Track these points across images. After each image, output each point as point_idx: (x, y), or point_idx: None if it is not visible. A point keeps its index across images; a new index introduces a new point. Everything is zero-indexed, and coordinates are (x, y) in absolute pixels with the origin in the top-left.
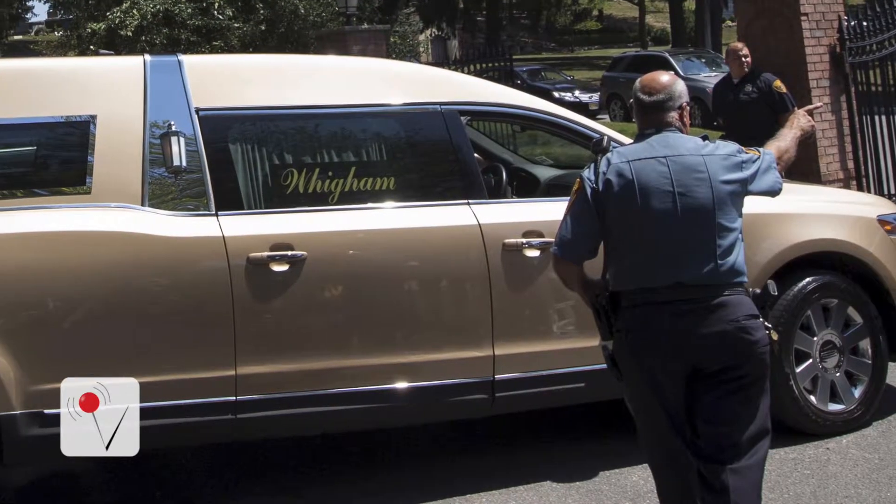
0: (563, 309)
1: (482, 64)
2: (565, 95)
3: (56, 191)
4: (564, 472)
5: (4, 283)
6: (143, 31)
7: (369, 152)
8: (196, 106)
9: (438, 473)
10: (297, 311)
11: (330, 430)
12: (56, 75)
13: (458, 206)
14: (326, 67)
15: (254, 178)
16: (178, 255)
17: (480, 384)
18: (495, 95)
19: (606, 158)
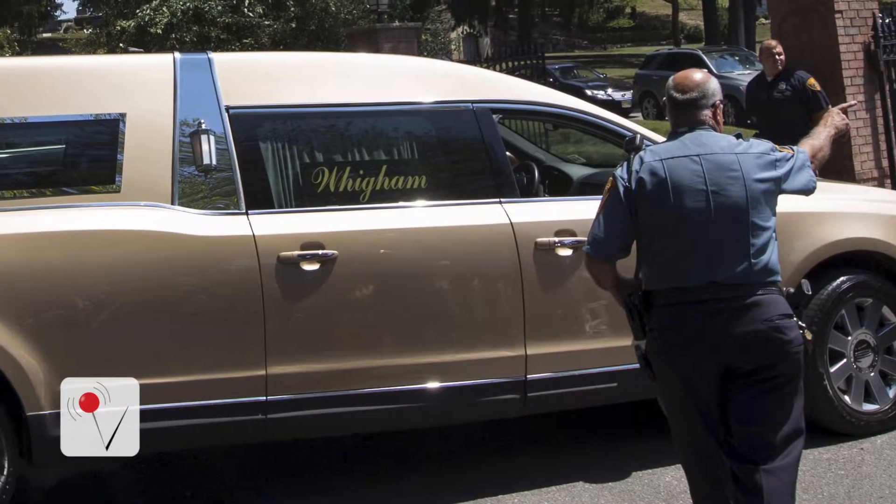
0: (595, 308)
1: (514, 62)
2: (598, 93)
3: (85, 189)
4: (597, 472)
5: (33, 283)
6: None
7: (400, 151)
8: (226, 104)
9: (470, 474)
10: (328, 311)
11: (361, 431)
12: (85, 73)
13: (490, 204)
14: (357, 65)
15: (284, 177)
16: (209, 254)
17: (512, 384)
18: (527, 93)
19: (639, 157)
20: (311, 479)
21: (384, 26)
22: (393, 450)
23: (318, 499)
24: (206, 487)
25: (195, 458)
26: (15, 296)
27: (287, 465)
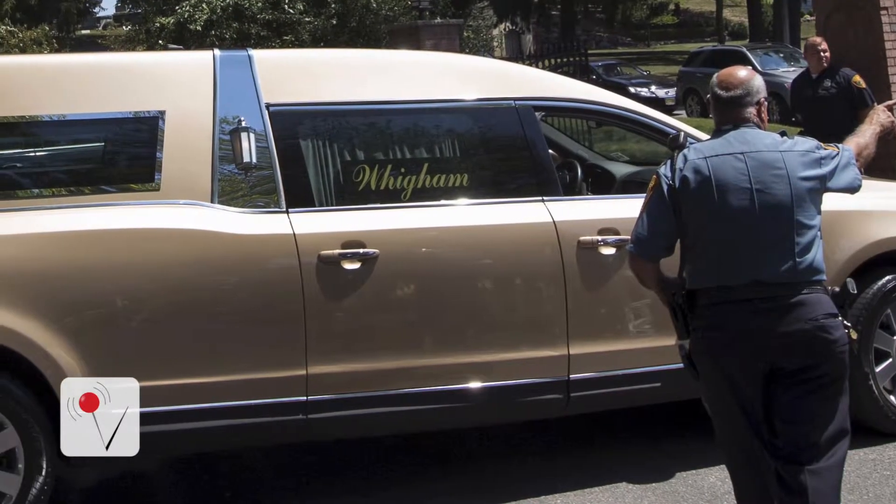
0: (638, 307)
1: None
2: (641, 91)
3: (124, 187)
4: (640, 473)
5: (72, 282)
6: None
7: (442, 148)
8: (266, 101)
9: (512, 474)
10: (369, 310)
11: (402, 431)
12: (124, 70)
13: (533, 203)
14: (399, 62)
15: (325, 175)
16: (249, 252)
17: (555, 384)
18: (570, 91)
19: (683, 155)
20: (351, 480)
21: (426, 23)
22: (434, 450)
23: (358, 499)
24: (246, 488)
25: (235, 458)
26: (54, 295)
27: (327, 466)
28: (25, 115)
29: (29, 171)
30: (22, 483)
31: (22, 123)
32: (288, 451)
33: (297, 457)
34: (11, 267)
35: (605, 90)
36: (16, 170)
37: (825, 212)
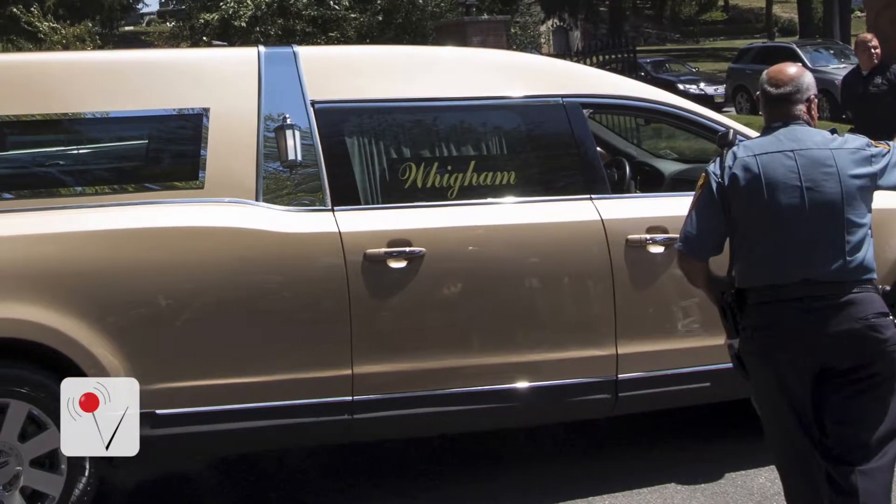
0: (687, 306)
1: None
2: (690, 88)
3: (168, 185)
4: (689, 473)
5: (115, 281)
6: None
7: (489, 146)
8: (312, 98)
9: (560, 475)
10: (415, 309)
11: (448, 431)
12: (168, 67)
13: (581, 201)
14: (445, 59)
15: (371, 173)
16: (294, 251)
17: (603, 384)
18: (618, 88)
19: (732, 152)
20: (397, 481)
21: (472, 19)
22: (481, 450)
23: (404, 500)
24: (290, 489)
25: (280, 459)
26: (96, 294)
27: (373, 467)
28: (68, 112)
29: (72, 169)
30: (65, 484)
31: (65, 121)
32: (333, 452)
33: (342, 457)
34: (54, 266)
35: (654, 87)
36: (59, 168)
37: (875, 210)
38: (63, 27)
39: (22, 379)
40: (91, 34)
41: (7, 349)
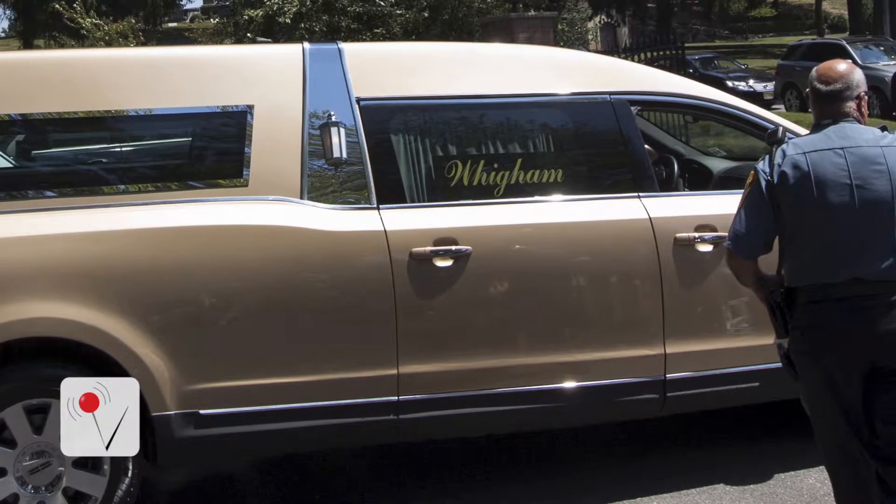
0: (736, 306)
1: (653, 52)
2: (739, 85)
3: (212, 183)
4: (738, 474)
5: (159, 280)
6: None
7: (536, 144)
8: (357, 95)
9: (607, 475)
10: (462, 308)
11: (495, 432)
12: (212, 64)
13: (628, 199)
14: (492, 56)
15: (416, 171)
16: (339, 250)
17: (651, 383)
18: (666, 85)
19: (782, 150)
20: (443, 482)
21: (519, 15)
22: (528, 451)
23: (450, 501)
24: (335, 490)
25: (324, 459)
26: (140, 293)
27: (418, 467)
28: (111, 109)
29: (115, 167)
30: (108, 485)
31: (108, 118)
32: (379, 453)
33: (388, 458)
34: (97, 265)
35: (702, 84)
36: (102, 165)
37: None
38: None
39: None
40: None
41: (50, 349)
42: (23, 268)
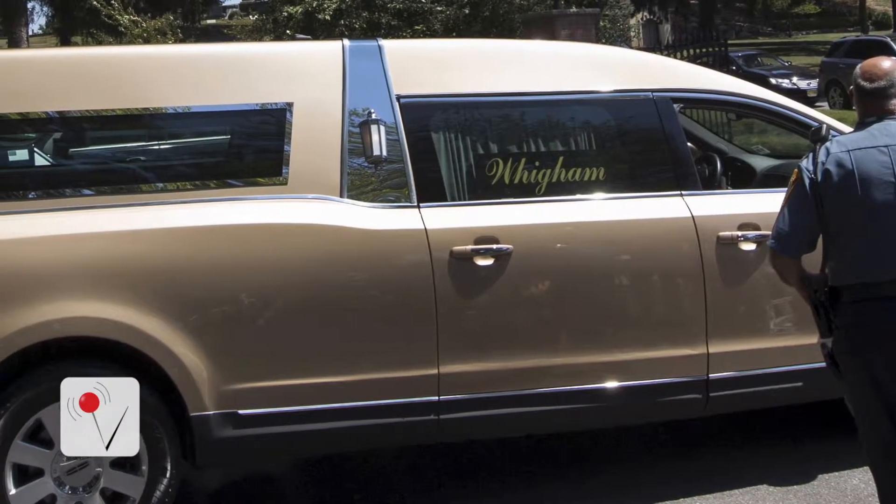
0: (779, 305)
1: (695, 49)
2: (782, 82)
3: (251, 181)
4: (781, 474)
5: (196, 278)
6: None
7: (578, 141)
8: (397, 93)
9: (650, 476)
10: (502, 307)
11: (536, 432)
12: (251, 61)
13: (671, 197)
14: (533, 53)
15: (457, 169)
16: (379, 248)
17: (693, 383)
18: (709, 82)
19: (825, 148)
20: (483, 482)
21: (561, 12)
22: (570, 451)
23: (491, 501)
24: (375, 491)
25: (364, 459)
26: (178, 292)
27: (459, 467)
28: (149, 107)
29: (153, 165)
30: (146, 485)
31: (146, 116)
32: (419, 453)
33: (428, 458)
34: (135, 263)
35: (745, 81)
36: (140, 163)
37: None
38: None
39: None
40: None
41: (87, 348)
42: (60, 267)
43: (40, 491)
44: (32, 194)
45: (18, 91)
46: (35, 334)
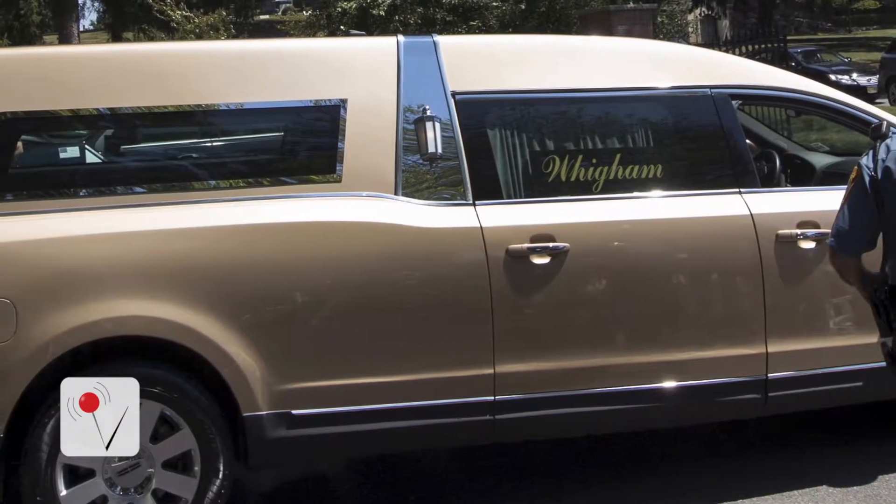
0: (839, 303)
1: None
2: (842, 78)
3: (304, 179)
4: (841, 475)
5: (250, 277)
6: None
7: (635, 138)
8: (452, 89)
9: (707, 477)
10: (559, 306)
11: (593, 432)
12: (304, 57)
13: (729, 195)
14: (589, 49)
15: (513, 166)
16: (434, 247)
17: (752, 383)
18: (768, 78)
19: (886, 145)
20: (540, 483)
21: (618, 8)
22: (627, 451)
23: (547, 502)
24: (430, 491)
25: (419, 460)
26: (231, 291)
27: (516, 468)
28: (202, 103)
29: (206, 162)
30: (198, 486)
31: (198, 112)
32: (474, 454)
33: (483, 459)
34: (188, 262)
35: (804, 77)
36: (192, 161)
37: None
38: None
39: (154, 379)
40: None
41: (139, 348)
42: (112, 265)
43: (92, 492)
44: (83, 192)
45: (70, 87)
46: (86, 334)
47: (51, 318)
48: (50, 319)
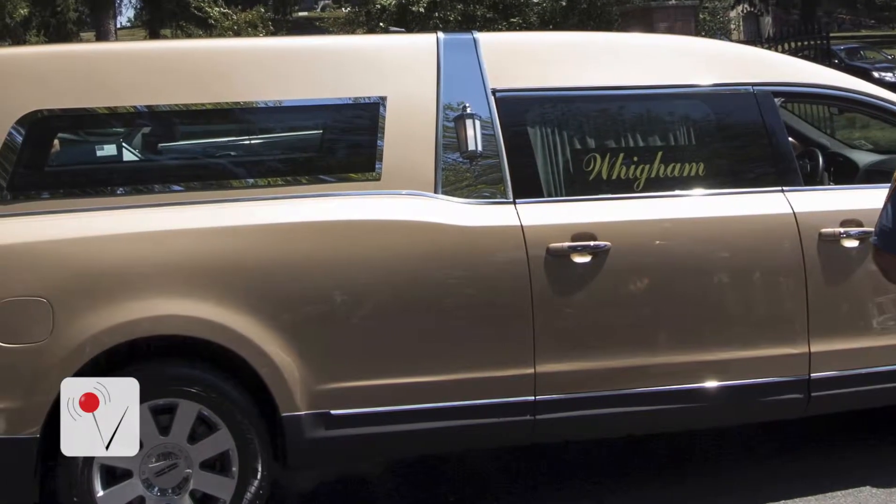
0: (883, 303)
1: (797, 42)
2: (885, 76)
3: (343, 177)
4: (885, 476)
5: (288, 276)
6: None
7: (677, 136)
8: (492, 87)
9: (750, 477)
10: (600, 306)
11: (635, 432)
12: (343, 54)
13: (772, 193)
14: (631, 46)
15: (554, 164)
16: (474, 245)
17: (795, 383)
18: (811, 76)
19: None
20: (581, 484)
21: (659, 4)
22: (667, 451)
23: (588, 502)
24: (470, 492)
25: (459, 461)
26: (269, 290)
27: (556, 469)
28: (240, 101)
29: (244, 160)
30: (236, 487)
31: (236, 110)
32: (515, 454)
33: (524, 460)
34: (226, 261)
35: (848, 75)
36: (230, 159)
37: None
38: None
39: (192, 378)
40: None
41: (177, 347)
42: (149, 264)
43: (129, 492)
44: (121, 190)
45: (107, 85)
46: (123, 333)
47: (87, 318)
48: (86, 319)
